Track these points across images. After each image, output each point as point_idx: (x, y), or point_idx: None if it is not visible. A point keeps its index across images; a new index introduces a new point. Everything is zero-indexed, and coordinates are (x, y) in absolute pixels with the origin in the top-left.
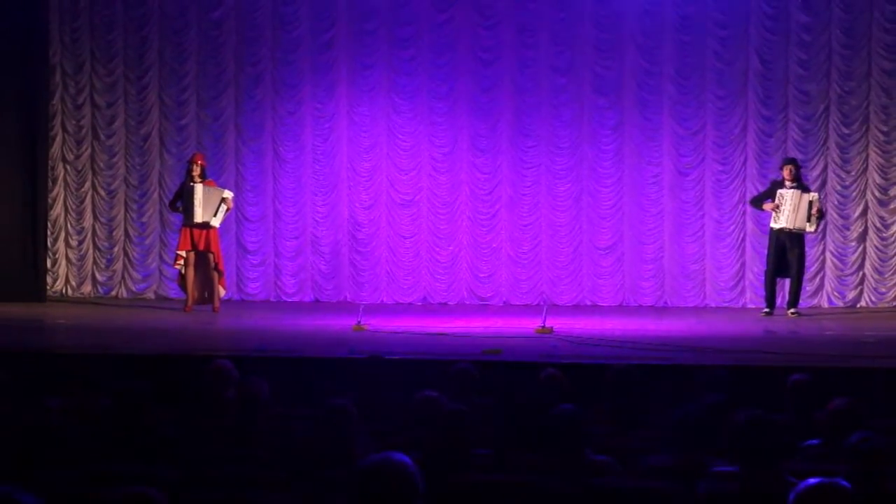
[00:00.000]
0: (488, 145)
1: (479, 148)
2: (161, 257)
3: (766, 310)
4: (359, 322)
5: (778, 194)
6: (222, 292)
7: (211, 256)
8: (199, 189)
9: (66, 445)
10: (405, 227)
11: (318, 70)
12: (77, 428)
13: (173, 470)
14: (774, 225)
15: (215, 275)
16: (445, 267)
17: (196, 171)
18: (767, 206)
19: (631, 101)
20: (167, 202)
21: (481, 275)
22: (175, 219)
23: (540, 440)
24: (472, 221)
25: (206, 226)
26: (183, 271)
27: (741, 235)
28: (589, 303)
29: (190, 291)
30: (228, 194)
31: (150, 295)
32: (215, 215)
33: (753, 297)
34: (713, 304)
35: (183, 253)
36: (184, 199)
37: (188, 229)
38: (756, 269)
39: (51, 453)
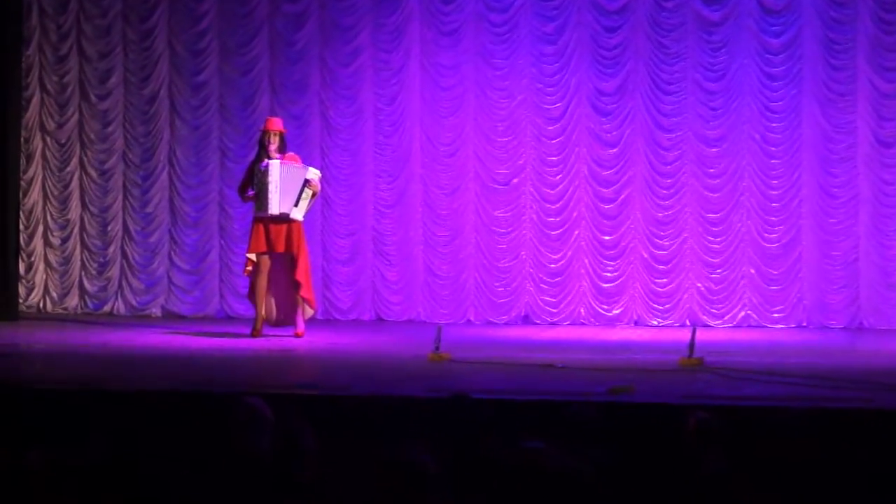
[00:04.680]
0: (615, 108)
1: (602, 112)
2: (171, 260)
3: None
4: (437, 348)
5: None
6: (309, 311)
7: (292, 261)
8: (275, 168)
9: None
10: (500, 219)
11: (382, 6)
12: (62, 486)
13: None
14: None
15: (298, 287)
16: (556, 274)
17: (273, 143)
18: None
19: (814, 45)
20: (178, 187)
21: (605, 285)
22: (192, 210)
23: None
24: (593, 212)
25: (284, 219)
26: (254, 280)
27: None
28: (754, 323)
29: (260, 309)
30: (314, 174)
31: (156, 311)
32: (297, 204)
33: None
34: None
35: (253, 257)
36: (255, 183)
37: (261, 224)
38: None
39: None
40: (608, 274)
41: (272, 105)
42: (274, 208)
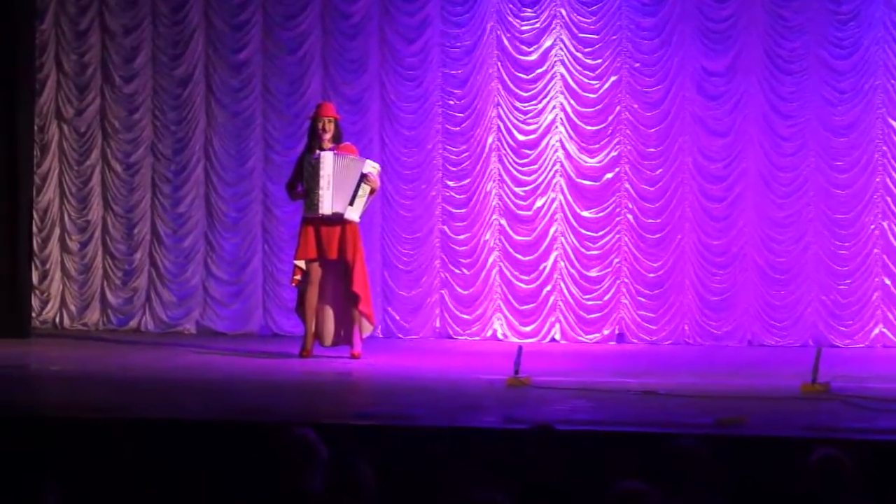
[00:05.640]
0: (725, 90)
1: (710, 95)
2: (207, 268)
3: None
4: (516, 372)
5: None
6: (367, 328)
7: (346, 270)
8: (328, 160)
9: None
10: (591, 221)
11: None
12: None
13: None
14: None
15: (354, 300)
16: (655, 285)
17: (328, 131)
18: None
19: None
20: (215, 183)
21: (713, 298)
22: (231, 210)
23: None
24: (699, 212)
25: (338, 220)
26: (303, 291)
27: None
28: (889, 343)
29: (310, 325)
30: (373, 168)
31: (190, 327)
32: (352, 203)
33: None
34: None
35: (302, 264)
36: (305, 178)
37: (311, 226)
38: None
39: None
40: (717, 285)
41: (324, 88)
42: (326, 207)
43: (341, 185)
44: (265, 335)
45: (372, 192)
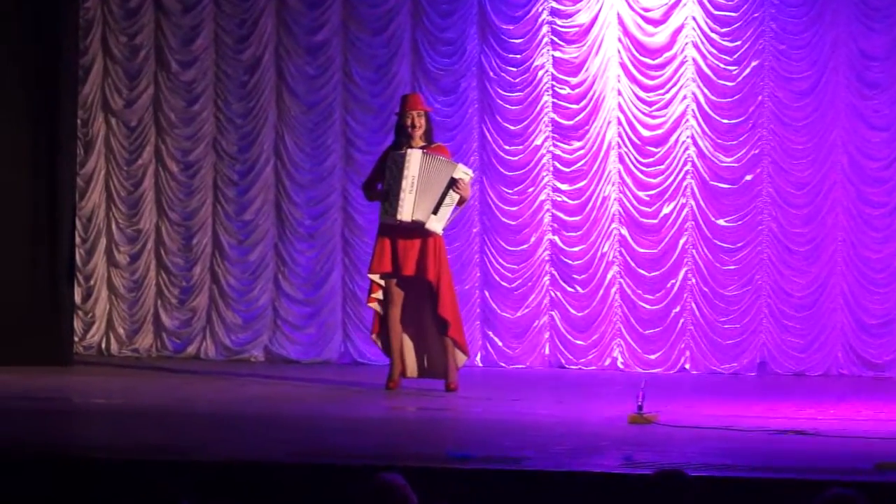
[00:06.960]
0: (886, 77)
1: (869, 83)
2: (277, 285)
3: None
4: (639, 408)
5: None
6: (461, 358)
7: (431, 291)
8: (415, 159)
9: None
10: (727, 231)
11: None
12: None
13: None
14: None
15: (443, 325)
16: (803, 305)
17: (418, 126)
18: None
19: None
20: (287, 186)
21: (872, 321)
22: (306, 217)
23: None
24: (855, 220)
25: (418, 230)
26: (380, 312)
27: None
28: None
29: (396, 354)
30: (465, 173)
31: (258, 353)
32: (436, 212)
33: None
34: None
35: (378, 278)
36: (386, 177)
37: (387, 237)
38: None
39: None
40: (876, 306)
41: (414, 74)
42: (405, 213)
43: (427, 188)
44: (345, 363)
45: (461, 201)
